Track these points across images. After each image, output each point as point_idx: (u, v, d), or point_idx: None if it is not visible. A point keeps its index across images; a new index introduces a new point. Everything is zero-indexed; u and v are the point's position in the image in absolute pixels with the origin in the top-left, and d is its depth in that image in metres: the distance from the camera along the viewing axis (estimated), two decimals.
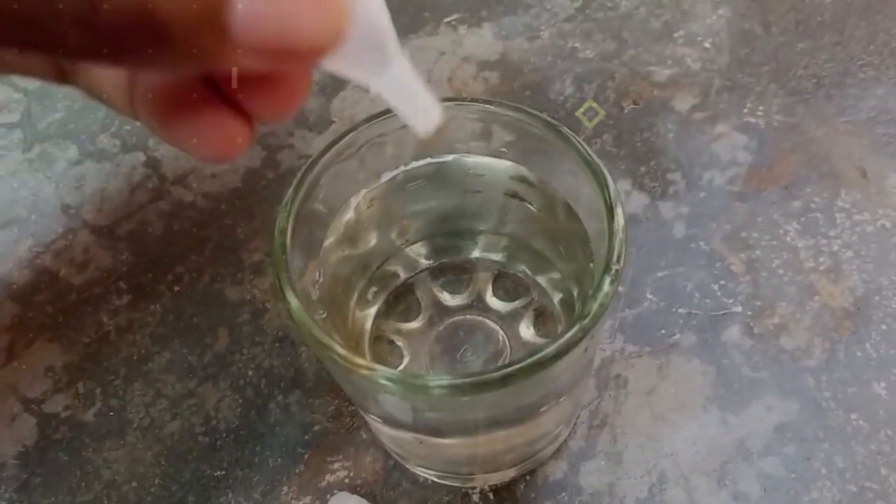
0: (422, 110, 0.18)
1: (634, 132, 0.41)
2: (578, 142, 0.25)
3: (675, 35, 0.45)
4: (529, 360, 0.22)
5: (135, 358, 0.36)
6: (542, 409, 0.28)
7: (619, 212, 0.24)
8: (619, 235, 0.23)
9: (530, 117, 0.27)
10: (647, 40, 0.45)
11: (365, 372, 0.22)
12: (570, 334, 0.22)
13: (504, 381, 0.22)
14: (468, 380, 0.22)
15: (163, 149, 0.42)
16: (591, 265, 0.27)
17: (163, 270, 0.38)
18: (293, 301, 0.23)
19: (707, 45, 0.44)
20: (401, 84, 0.18)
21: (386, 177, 0.28)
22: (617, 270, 0.23)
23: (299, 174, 0.25)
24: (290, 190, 0.25)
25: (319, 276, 0.27)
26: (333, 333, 0.27)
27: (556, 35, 0.45)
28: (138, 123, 0.20)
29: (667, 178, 0.39)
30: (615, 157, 0.40)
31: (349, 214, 0.28)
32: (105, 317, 0.37)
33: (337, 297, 0.29)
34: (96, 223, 0.40)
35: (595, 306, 0.22)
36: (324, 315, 0.26)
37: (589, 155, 0.25)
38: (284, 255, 0.23)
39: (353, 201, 0.28)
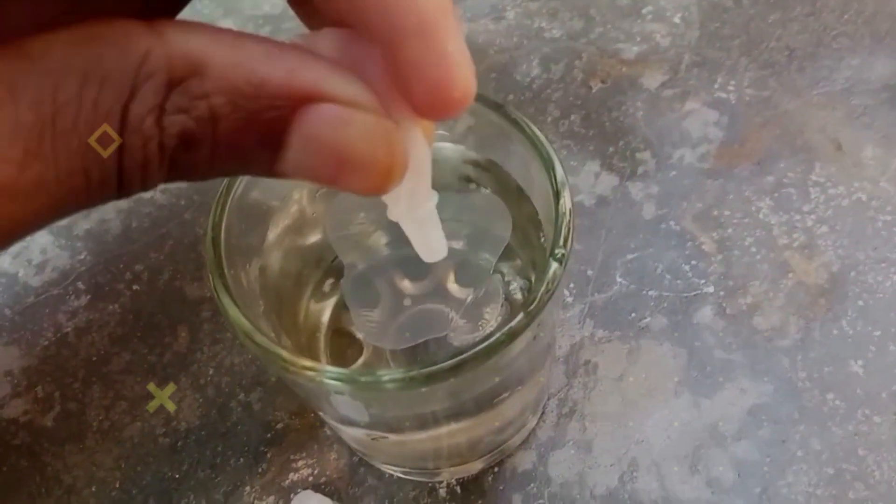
0: (432, 247, 0.20)
1: (603, 112, 0.40)
2: (527, 124, 0.24)
3: (644, 11, 0.43)
4: (477, 349, 0.21)
5: (94, 359, 0.35)
6: (502, 398, 0.27)
7: (565, 195, 0.23)
8: (566, 218, 0.23)
9: (479, 100, 0.25)
10: (615, 17, 0.43)
11: (311, 374, 0.21)
12: (516, 320, 0.21)
13: (454, 370, 0.21)
14: (417, 372, 0.21)
15: None
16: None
17: (121, 269, 0.37)
18: (227, 302, 0.22)
19: (676, 19, 0.43)
20: (422, 223, 0.19)
21: None
22: (563, 254, 0.22)
23: None
24: (224, 182, 0.24)
25: (263, 270, 0.26)
26: (281, 333, 0.26)
27: (521, 15, 0.44)
28: None
29: (636, 158, 0.38)
30: (583, 137, 0.39)
31: (294, 206, 0.27)
32: (63, 318, 0.37)
33: (286, 291, 0.28)
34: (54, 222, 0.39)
35: (541, 291, 0.22)
36: (262, 308, 0.25)
37: (536, 137, 0.24)
38: (218, 252, 0.22)
39: (298, 191, 0.27)
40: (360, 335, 0.29)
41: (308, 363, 0.21)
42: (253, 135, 0.14)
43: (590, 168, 0.38)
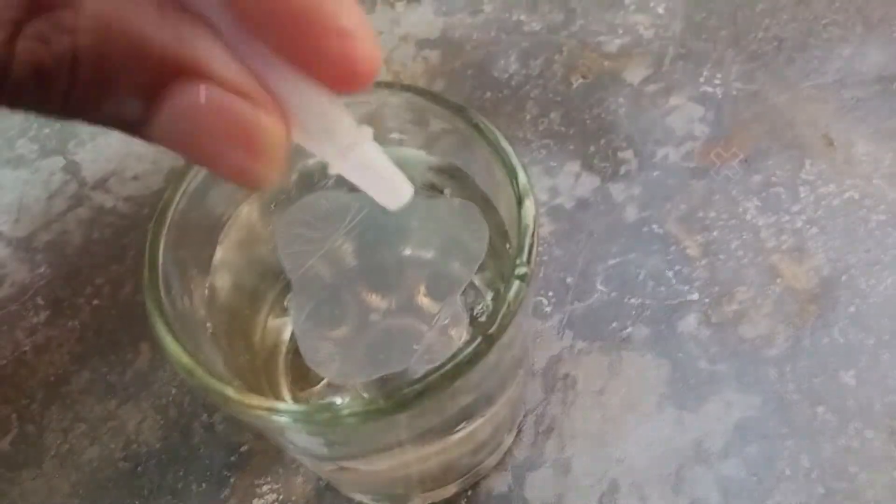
0: (388, 190, 0.17)
1: (584, 109, 0.38)
2: (487, 127, 0.23)
3: (627, 1, 0.42)
4: (436, 375, 0.20)
5: (52, 379, 0.34)
6: (472, 420, 0.25)
7: (528, 203, 0.21)
8: (530, 230, 0.21)
9: (439, 103, 0.24)
10: (597, 9, 0.42)
11: (260, 412, 0.19)
12: (474, 345, 0.20)
13: (417, 398, 0.20)
14: (376, 405, 0.20)
15: (82, 151, 0.40)
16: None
17: (82, 283, 0.36)
18: (167, 337, 0.20)
19: (660, 10, 0.41)
20: (364, 167, 0.17)
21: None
22: (525, 273, 0.20)
23: (177, 176, 0.22)
24: (165, 194, 0.22)
25: (213, 289, 0.24)
26: (231, 359, 0.24)
27: (499, 8, 0.42)
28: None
29: (618, 157, 0.37)
30: (563, 136, 0.37)
31: (245, 219, 0.25)
32: (22, 335, 0.35)
33: (240, 310, 0.26)
34: (13, 234, 0.38)
35: (502, 313, 0.20)
36: (210, 331, 0.23)
37: (498, 142, 0.22)
38: (154, 276, 0.21)
39: (248, 204, 0.25)
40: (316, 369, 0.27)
41: (255, 401, 0.19)
42: (120, 90, 0.13)
43: (570, 169, 0.36)
